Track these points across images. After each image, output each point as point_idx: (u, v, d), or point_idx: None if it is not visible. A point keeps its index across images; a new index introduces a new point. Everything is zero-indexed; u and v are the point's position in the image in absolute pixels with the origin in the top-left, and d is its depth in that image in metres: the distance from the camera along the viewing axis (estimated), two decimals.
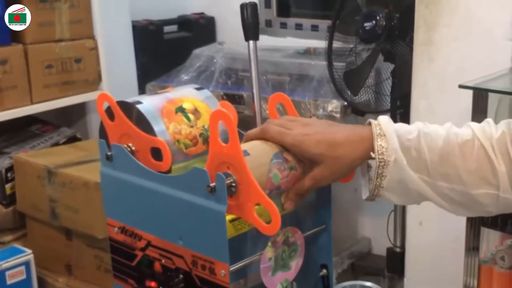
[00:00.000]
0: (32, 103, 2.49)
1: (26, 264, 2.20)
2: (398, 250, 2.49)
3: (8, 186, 2.39)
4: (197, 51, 2.92)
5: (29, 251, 2.21)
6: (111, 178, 1.02)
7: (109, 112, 1.03)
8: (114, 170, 1.01)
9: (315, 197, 1.01)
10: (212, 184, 0.88)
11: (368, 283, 1.20)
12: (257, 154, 0.91)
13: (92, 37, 2.63)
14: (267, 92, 2.50)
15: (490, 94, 1.54)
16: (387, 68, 2.37)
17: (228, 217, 0.96)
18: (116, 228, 1.03)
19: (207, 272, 0.92)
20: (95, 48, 2.64)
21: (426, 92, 1.88)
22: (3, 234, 2.34)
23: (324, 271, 1.06)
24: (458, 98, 1.78)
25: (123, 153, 0.99)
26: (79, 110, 2.81)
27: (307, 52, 2.77)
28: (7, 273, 2.16)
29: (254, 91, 1.53)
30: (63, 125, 2.70)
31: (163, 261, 0.97)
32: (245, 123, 1.17)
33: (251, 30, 1.50)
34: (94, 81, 2.67)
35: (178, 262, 0.95)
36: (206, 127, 1.03)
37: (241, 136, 0.94)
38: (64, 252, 2.32)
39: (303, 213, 0.98)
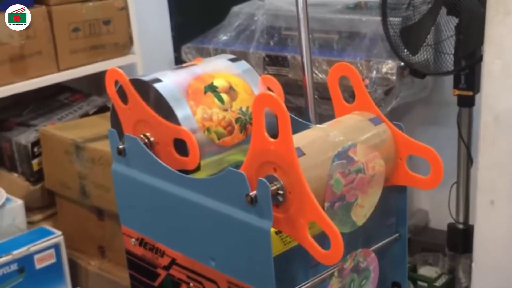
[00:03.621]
0: (59, 70, 2.30)
1: (56, 246, 2.03)
2: (461, 226, 2.25)
3: (35, 161, 2.22)
4: (235, 8, 2.68)
5: (58, 232, 2.04)
6: (125, 178, 0.81)
7: (122, 92, 0.82)
8: (128, 168, 0.80)
9: (389, 200, 0.78)
10: (253, 193, 0.66)
11: None
12: (314, 153, 0.68)
13: None
14: (314, 53, 2.26)
15: None
16: (449, 22, 2.10)
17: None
18: (134, 239, 0.83)
19: None
20: (125, 8, 2.42)
21: (502, 51, 1.62)
22: (32, 213, 2.18)
23: None
24: None
25: (138, 146, 0.78)
26: None
27: (358, 7, 2.52)
28: (36, 256, 2.00)
29: (305, 56, 1.28)
30: (94, 94, 2.51)
31: (191, 284, 0.76)
32: (289, 87, 0.95)
33: None
34: (125, 45, 2.46)
35: None
36: (244, 109, 0.81)
37: (294, 124, 0.70)
38: (96, 233, 2.15)
39: (372, 223, 0.75)
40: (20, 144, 2.21)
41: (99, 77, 2.52)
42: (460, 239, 2.25)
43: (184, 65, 0.86)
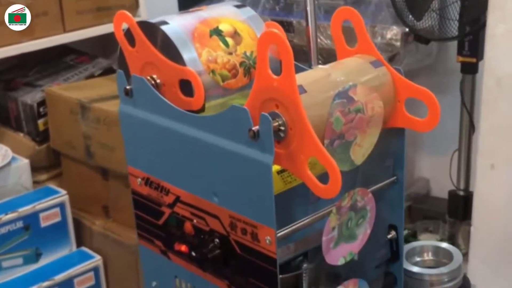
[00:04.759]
0: (64, 31, 2.30)
1: (61, 205, 2.05)
2: (461, 193, 2.28)
3: (40, 121, 2.23)
4: None
5: (63, 191, 2.06)
6: (132, 118, 0.83)
7: (129, 35, 0.84)
8: (135, 108, 0.82)
9: (387, 143, 0.80)
10: (255, 128, 0.68)
11: (443, 244, 1.01)
12: (315, 91, 0.70)
13: None
14: (319, 18, 2.26)
15: None
16: None
17: (276, 167, 0.76)
18: (139, 179, 0.85)
19: (249, 238, 0.73)
20: None
21: (505, 15, 1.62)
22: (37, 173, 2.19)
23: (393, 233, 0.86)
24: None
25: (145, 87, 0.80)
26: (116, 40, 2.61)
27: None
28: (41, 215, 2.02)
29: (309, 15, 1.28)
30: (99, 56, 2.51)
31: (194, 221, 0.79)
32: (294, 53, 0.96)
33: None
34: (131, 7, 2.45)
35: (212, 224, 0.77)
36: (248, 54, 0.83)
37: (297, 70, 0.73)
38: (101, 193, 2.17)
39: (370, 164, 0.77)
40: (26, 104, 2.23)
41: (105, 39, 2.53)
42: (460, 206, 2.28)
43: (190, 10, 0.88)
